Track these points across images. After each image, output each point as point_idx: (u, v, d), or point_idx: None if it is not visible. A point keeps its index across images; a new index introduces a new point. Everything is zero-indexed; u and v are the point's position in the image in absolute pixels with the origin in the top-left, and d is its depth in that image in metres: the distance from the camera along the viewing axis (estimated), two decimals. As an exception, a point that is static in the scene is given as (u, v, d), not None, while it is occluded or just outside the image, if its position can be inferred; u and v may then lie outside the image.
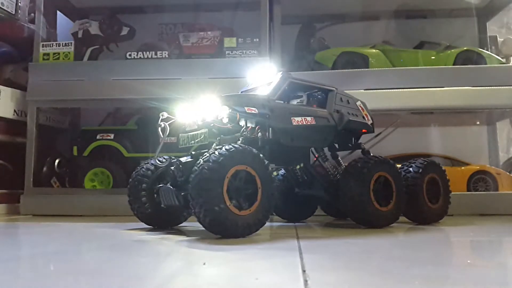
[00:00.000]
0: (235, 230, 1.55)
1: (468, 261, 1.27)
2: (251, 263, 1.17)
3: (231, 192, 1.55)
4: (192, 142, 1.87)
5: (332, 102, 2.09)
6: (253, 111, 1.77)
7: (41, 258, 1.27)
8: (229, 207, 1.52)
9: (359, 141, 2.25)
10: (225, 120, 1.73)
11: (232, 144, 1.61)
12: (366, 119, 2.21)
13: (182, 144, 1.91)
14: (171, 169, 1.82)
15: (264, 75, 2.17)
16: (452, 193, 2.28)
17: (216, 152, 1.55)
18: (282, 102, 2.03)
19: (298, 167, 2.16)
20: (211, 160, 1.52)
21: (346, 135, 2.19)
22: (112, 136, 2.98)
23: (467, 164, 3.08)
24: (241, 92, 2.19)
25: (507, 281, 1.01)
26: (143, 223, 2.03)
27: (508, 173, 3.09)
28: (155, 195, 1.93)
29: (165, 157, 2.05)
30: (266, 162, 1.66)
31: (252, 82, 2.22)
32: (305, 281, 0.91)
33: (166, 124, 1.99)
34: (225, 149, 1.56)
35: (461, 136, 3.50)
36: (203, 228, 1.57)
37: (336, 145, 2.22)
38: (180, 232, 1.89)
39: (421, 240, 1.67)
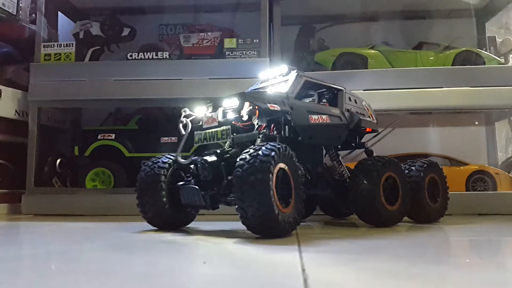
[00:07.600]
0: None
1: (467, 261, 1.28)
2: (250, 262, 1.18)
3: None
4: (211, 140, 1.84)
5: (343, 101, 2.11)
6: (275, 108, 1.75)
7: (43, 257, 1.28)
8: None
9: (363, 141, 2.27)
10: (245, 118, 1.72)
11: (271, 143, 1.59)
12: (371, 118, 2.25)
13: (197, 141, 1.88)
14: (192, 167, 1.79)
15: (273, 73, 2.16)
16: (451, 192, 2.30)
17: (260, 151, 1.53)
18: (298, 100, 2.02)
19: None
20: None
21: (351, 134, 2.20)
22: (113, 136, 2.99)
23: (466, 164, 3.09)
24: (251, 90, 2.15)
25: (507, 281, 1.01)
26: (146, 223, 1.96)
27: (506, 173, 3.11)
28: (166, 195, 1.87)
29: (171, 155, 1.97)
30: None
31: (261, 80, 2.20)
32: (305, 280, 0.91)
33: (188, 120, 1.93)
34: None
35: (460, 136, 3.51)
36: (203, 228, 1.58)
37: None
38: (182, 232, 1.90)
39: (421, 239, 1.68)
